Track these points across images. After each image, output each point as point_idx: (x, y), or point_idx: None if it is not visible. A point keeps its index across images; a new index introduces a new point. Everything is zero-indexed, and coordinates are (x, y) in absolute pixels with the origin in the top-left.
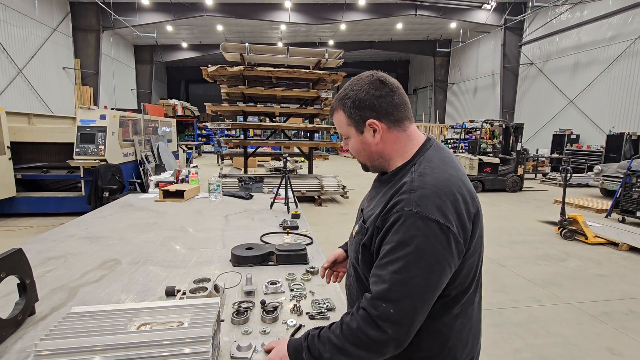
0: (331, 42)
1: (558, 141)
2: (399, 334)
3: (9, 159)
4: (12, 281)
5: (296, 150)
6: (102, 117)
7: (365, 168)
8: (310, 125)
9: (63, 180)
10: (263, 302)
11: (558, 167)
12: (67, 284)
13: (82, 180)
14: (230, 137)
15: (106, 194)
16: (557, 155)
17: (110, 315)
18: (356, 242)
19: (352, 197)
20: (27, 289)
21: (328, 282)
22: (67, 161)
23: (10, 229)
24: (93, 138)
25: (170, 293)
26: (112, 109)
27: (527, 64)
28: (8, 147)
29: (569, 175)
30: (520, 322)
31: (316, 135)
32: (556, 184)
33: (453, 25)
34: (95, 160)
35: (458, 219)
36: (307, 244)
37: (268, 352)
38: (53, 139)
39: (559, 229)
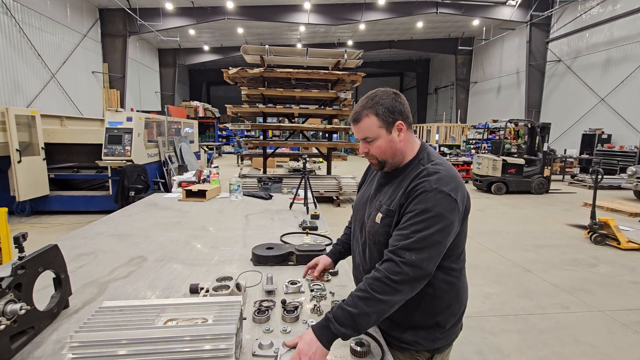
0: (350, 43)
1: (588, 141)
2: (416, 275)
3: (43, 159)
4: (48, 275)
5: (315, 150)
6: (129, 119)
7: (382, 166)
8: (329, 126)
9: (92, 179)
10: (284, 302)
11: (588, 169)
12: (98, 279)
13: (110, 180)
14: (250, 138)
15: (132, 193)
16: (587, 156)
17: (139, 310)
18: (385, 225)
19: None
20: (61, 283)
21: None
22: (96, 161)
23: (44, 225)
24: (120, 139)
25: (194, 290)
26: (137, 111)
27: (555, 61)
28: (42, 148)
29: (599, 176)
30: (547, 329)
31: (335, 135)
32: (586, 186)
33: (476, 22)
34: (122, 160)
35: (460, 195)
36: (327, 245)
37: (291, 347)
38: (83, 140)
39: (588, 233)
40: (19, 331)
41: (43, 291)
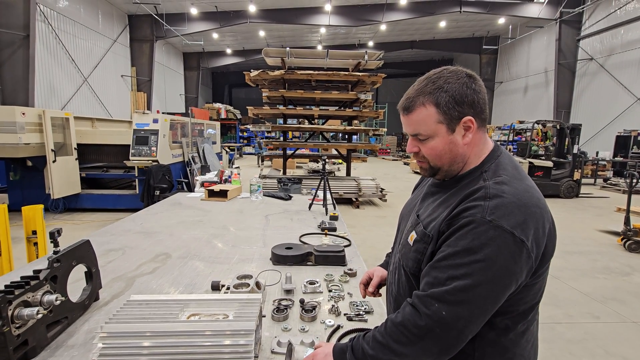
0: (371, 43)
1: (622, 143)
2: (447, 337)
3: (76, 159)
4: (81, 269)
5: (334, 152)
6: (155, 120)
7: (432, 173)
8: (348, 127)
9: (120, 179)
10: (302, 301)
11: (622, 172)
12: (125, 274)
13: (137, 179)
14: (270, 139)
15: (157, 193)
16: (621, 158)
17: (164, 304)
18: (417, 251)
19: (390, 200)
20: (92, 277)
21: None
22: (124, 161)
23: (76, 222)
24: (147, 140)
25: (216, 287)
26: (163, 113)
27: (586, 60)
28: (75, 148)
29: (635, 180)
30: (575, 339)
31: (354, 137)
32: (619, 190)
33: (501, 21)
34: (148, 161)
35: (534, 234)
36: (346, 246)
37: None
38: (112, 141)
39: (622, 239)
40: (54, 321)
41: (75, 284)
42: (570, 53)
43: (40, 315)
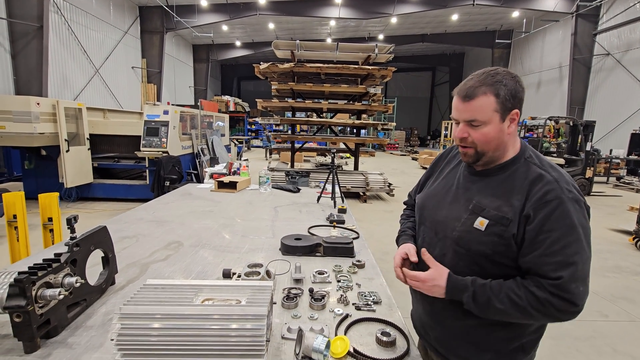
0: (381, 37)
1: (637, 141)
2: (584, 304)
3: (88, 149)
4: (97, 254)
5: (342, 146)
6: (165, 112)
7: (476, 159)
8: (357, 122)
9: (131, 169)
10: (311, 290)
11: (636, 171)
12: (139, 260)
13: (147, 170)
14: (279, 132)
15: (167, 183)
16: (636, 157)
17: (179, 289)
18: (493, 234)
19: (398, 194)
20: (109, 262)
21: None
22: (135, 152)
23: (89, 211)
24: (157, 132)
25: (227, 275)
26: (172, 104)
27: (603, 55)
28: (87, 138)
29: None
30: (583, 337)
31: (363, 131)
32: (633, 189)
33: (515, 14)
34: (158, 152)
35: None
36: (354, 238)
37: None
38: (123, 132)
39: (634, 239)
40: (74, 302)
41: (92, 268)
42: (586, 48)
43: (61, 296)
